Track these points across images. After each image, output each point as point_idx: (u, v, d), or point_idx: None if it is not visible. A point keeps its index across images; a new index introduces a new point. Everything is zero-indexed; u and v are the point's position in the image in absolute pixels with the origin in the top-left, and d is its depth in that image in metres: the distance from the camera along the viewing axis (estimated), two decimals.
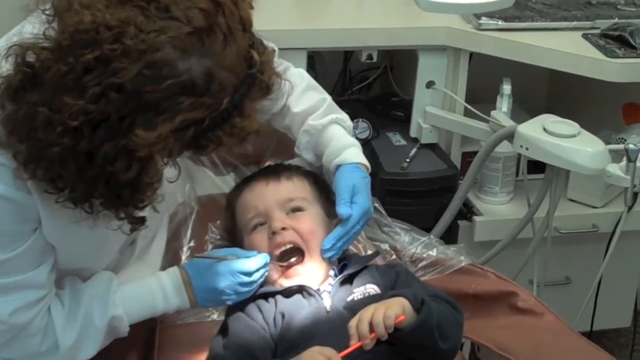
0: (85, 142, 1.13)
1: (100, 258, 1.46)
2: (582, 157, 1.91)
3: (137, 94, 1.12)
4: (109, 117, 1.12)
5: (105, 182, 1.17)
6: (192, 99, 1.14)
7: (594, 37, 2.23)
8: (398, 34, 2.29)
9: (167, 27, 1.13)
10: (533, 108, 2.40)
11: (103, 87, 1.11)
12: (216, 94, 1.16)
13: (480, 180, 2.38)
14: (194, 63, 1.14)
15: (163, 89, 1.12)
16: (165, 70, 1.12)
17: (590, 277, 2.16)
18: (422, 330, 1.37)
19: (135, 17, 1.13)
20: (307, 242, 1.54)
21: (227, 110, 1.18)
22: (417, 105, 2.37)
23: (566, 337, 1.58)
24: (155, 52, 1.12)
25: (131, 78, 1.11)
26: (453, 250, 1.75)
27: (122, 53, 1.11)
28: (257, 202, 1.58)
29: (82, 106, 1.11)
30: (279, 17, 2.33)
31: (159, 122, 1.13)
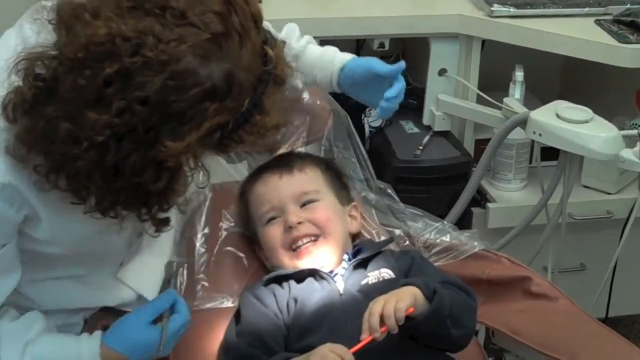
0: (112, 156, 1.13)
1: (107, 245, 1.46)
2: (596, 142, 1.91)
3: (162, 105, 1.11)
4: (135, 129, 1.12)
5: (133, 194, 1.17)
6: (216, 104, 1.14)
7: (606, 23, 2.22)
8: (410, 22, 2.29)
9: (186, 34, 1.12)
10: (546, 95, 2.39)
11: (128, 101, 1.10)
12: (238, 96, 1.16)
13: (493, 167, 2.38)
14: (214, 68, 1.14)
15: (188, 98, 1.12)
16: (188, 79, 1.12)
17: (605, 263, 2.15)
18: (434, 319, 1.38)
19: (152, 26, 1.11)
20: (323, 229, 1.55)
21: (248, 110, 1.18)
22: (429, 93, 2.37)
23: (581, 320, 1.58)
24: (177, 62, 1.11)
25: (155, 90, 1.10)
26: (466, 235, 1.75)
27: (143, 65, 1.10)
28: (271, 195, 1.60)
29: (107, 120, 1.10)
30: (290, 6, 2.33)
31: (185, 131, 1.13)
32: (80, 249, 1.41)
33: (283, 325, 1.46)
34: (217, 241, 1.68)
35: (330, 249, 1.54)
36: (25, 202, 1.26)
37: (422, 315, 1.37)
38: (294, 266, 1.54)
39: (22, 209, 1.27)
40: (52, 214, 1.30)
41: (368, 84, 1.66)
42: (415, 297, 1.37)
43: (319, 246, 1.54)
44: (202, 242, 1.67)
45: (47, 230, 1.32)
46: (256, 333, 1.45)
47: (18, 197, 1.25)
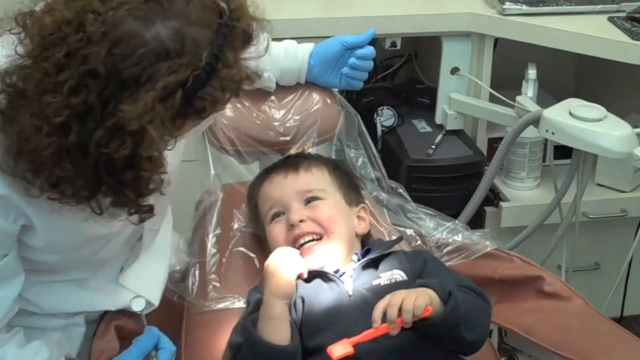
0: (74, 135, 1.12)
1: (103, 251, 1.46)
2: (609, 140, 1.90)
3: (113, 74, 1.11)
4: (93, 105, 1.11)
5: (105, 170, 1.15)
6: (168, 62, 1.13)
7: (619, 20, 2.21)
8: (422, 20, 2.28)
9: (123, 1, 1.13)
10: (559, 93, 2.38)
11: (78, 78, 1.11)
12: (192, 51, 1.15)
13: (506, 165, 2.37)
14: (160, 28, 1.13)
15: (136, 62, 1.11)
16: (132, 42, 1.11)
17: (620, 262, 2.14)
18: (448, 322, 1.37)
19: (90, 3, 1.13)
20: (325, 228, 1.55)
21: (209, 64, 1.16)
22: (442, 92, 2.36)
23: (594, 320, 1.57)
24: (117, 27, 1.11)
25: (102, 60, 1.10)
26: (478, 235, 1.74)
27: (87, 41, 1.11)
28: (275, 193, 1.60)
29: (63, 101, 1.11)
30: (303, 5, 2.33)
31: (141, 93, 1.12)
32: (76, 257, 1.42)
33: (293, 322, 1.46)
34: (228, 241, 1.68)
35: (334, 249, 1.54)
36: (21, 212, 1.26)
37: (437, 317, 1.37)
38: None
39: (19, 219, 1.27)
40: (46, 222, 1.29)
41: (337, 62, 1.76)
42: (431, 298, 1.37)
43: (322, 245, 1.53)
44: (214, 243, 1.67)
45: (42, 239, 1.32)
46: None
47: (13, 208, 1.25)
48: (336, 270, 1.52)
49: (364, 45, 1.76)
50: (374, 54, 1.77)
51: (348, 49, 1.75)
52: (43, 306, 1.46)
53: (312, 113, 1.79)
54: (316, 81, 1.79)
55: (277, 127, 1.76)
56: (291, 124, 1.77)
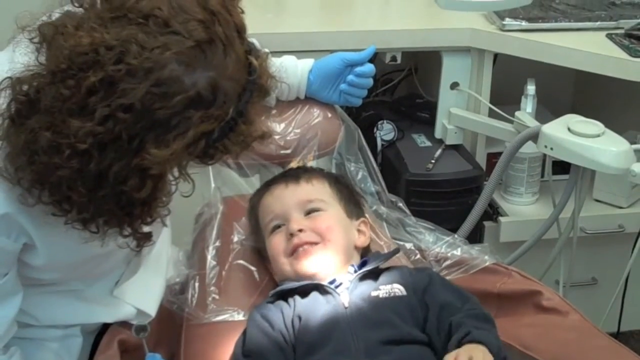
0: (95, 164, 1.12)
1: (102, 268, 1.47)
2: (607, 156, 1.91)
3: (147, 113, 1.11)
4: (119, 137, 1.11)
5: (116, 203, 1.16)
6: (201, 112, 1.14)
7: (618, 37, 2.22)
8: (422, 35, 2.30)
9: (170, 42, 1.12)
10: (557, 108, 2.40)
11: (111, 108, 1.10)
12: (222, 105, 1.16)
13: (505, 180, 2.38)
14: (199, 76, 1.14)
15: (172, 106, 1.12)
16: (173, 86, 1.12)
17: (617, 277, 2.15)
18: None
19: (135, 34, 1.11)
20: (323, 236, 1.55)
21: (233, 119, 1.18)
22: (441, 107, 2.37)
23: (591, 335, 1.58)
24: (161, 69, 1.11)
25: (140, 98, 1.10)
26: (477, 249, 1.75)
27: (127, 73, 1.10)
28: (276, 204, 1.61)
29: (90, 128, 1.10)
30: (304, 19, 2.35)
31: (170, 138, 1.13)
32: (75, 274, 1.43)
33: (289, 345, 1.46)
34: (228, 254, 1.68)
35: (329, 255, 1.54)
36: (23, 231, 1.26)
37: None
38: (295, 273, 1.54)
39: (20, 238, 1.27)
40: (48, 240, 1.30)
41: (337, 78, 1.76)
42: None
43: (316, 250, 1.54)
44: (214, 255, 1.67)
45: (43, 258, 1.32)
46: (259, 352, 1.45)
47: (15, 226, 1.25)
48: (332, 281, 1.53)
49: (364, 62, 1.77)
50: (373, 71, 1.78)
51: (348, 66, 1.76)
52: (40, 317, 1.47)
53: (312, 127, 1.79)
54: (315, 97, 1.80)
55: (278, 140, 1.77)
56: (292, 137, 1.78)
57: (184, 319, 1.62)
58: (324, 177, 1.68)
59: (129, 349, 1.50)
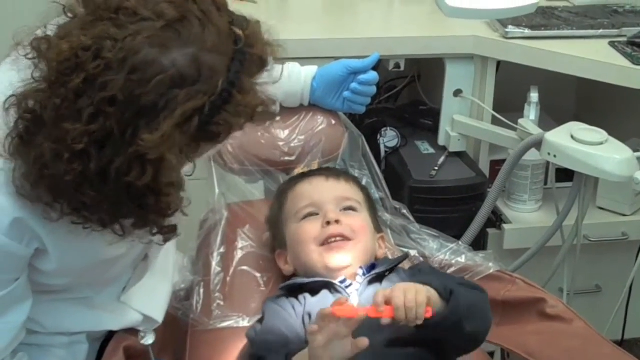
0: (95, 162, 1.13)
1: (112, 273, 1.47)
2: (610, 164, 1.91)
3: (131, 101, 1.12)
4: (112, 132, 1.12)
5: (126, 196, 1.16)
6: (186, 90, 1.14)
7: (620, 45, 2.23)
8: (425, 43, 2.30)
9: (140, 29, 1.13)
10: (561, 116, 2.40)
11: (96, 105, 1.11)
12: (209, 78, 1.16)
13: (508, 188, 2.38)
14: (177, 55, 1.14)
15: (153, 88, 1.12)
16: (150, 70, 1.12)
17: (621, 285, 2.15)
18: (450, 320, 1.37)
19: (107, 29, 1.13)
20: (357, 235, 1.57)
21: (225, 90, 1.17)
22: (445, 114, 2.38)
23: (595, 343, 1.58)
24: (135, 55, 1.12)
25: (121, 87, 1.11)
26: (481, 256, 1.75)
27: (105, 67, 1.11)
28: (314, 193, 1.63)
29: (82, 128, 1.11)
30: (308, 26, 2.35)
31: (160, 121, 1.13)
32: (84, 279, 1.43)
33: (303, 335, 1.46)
34: (233, 260, 1.69)
35: (357, 254, 1.56)
36: (35, 236, 1.27)
37: (438, 317, 1.37)
38: (322, 263, 1.54)
39: (32, 243, 1.28)
40: (60, 245, 1.30)
41: (341, 85, 1.77)
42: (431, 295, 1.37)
43: (349, 247, 1.55)
44: (219, 261, 1.68)
45: (54, 263, 1.32)
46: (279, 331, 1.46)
47: (27, 231, 1.25)
48: (342, 280, 1.53)
49: (368, 70, 1.77)
50: (376, 79, 1.79)
51: (351, 73, 1.76)
52: (47, 325, 1.47)
53: (316, 133, 1.80)
54: (319, 104, 1.80)
55: (282, 147, 1.78)
56: (296, 144, 1.79)
57: (189, 325, 1.62)
58: (359, 184, 1.72)
59: (135, 355, 1.50)
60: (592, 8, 2.45)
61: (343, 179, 1.68)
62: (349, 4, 2.58)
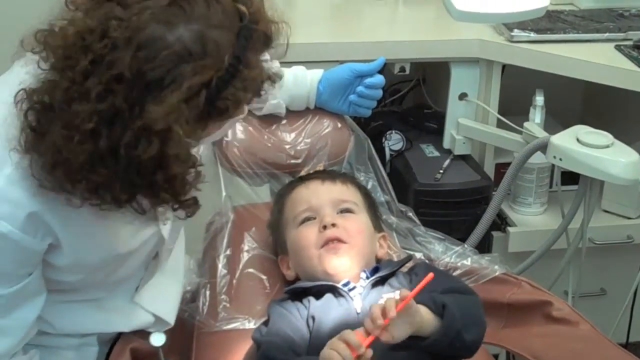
0: (105, 140, 1.13)
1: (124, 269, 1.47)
2: (616, 167, 1.91)
3: (138, 77, 1.13)
4: (120, 109, 1.13)
5: (136, 173, 1.16)
6: (192, 65, 1.15)
7: (626, 48, 2.23)
8: (430, 46, 2.30)
9: (145, 6, 1.14)
10: (566, 119, 2.40)
11: (104, 84, 1.12)
12: (215, 53, 1.17)
13: (513, 191, 2.38)
14: (182, 31, 1.15)
15: (160, 64, 1.13)
16: (156, 45, 1.13)
17: (626, 288, 2.15)
18: (449, 336, 1.37)
19: (112, 10, 1.14)
20: (352, 238, 1.57)
21: (231, 65, 1.18)
22: (450, 117, 2.38)
23: (601, 345, 1.58)
24: (141, 31, 1.13)
25: (128, 65, 1.12)
26: (487, 259, 1.75)
27: (112, 47, 1.12)
28: (311, 197, 1.63)
29: (91, 108, 1.12)
30: (313, 30, 2.36)
31: (167, 94, 1.14)
32: (96, 276, 1.43)
33: (306, 341, 1.47)
34: (239, 263, 1.69)
35: (354, 258, 1.56)
36: (49, 230, 1.27)
37: (436, 333, 1.37)
38: (321, 268, 1.55)
39: (46, 238, 1.28)
40: (73, 240, 1.31)
41: (347, 89, 1.77)
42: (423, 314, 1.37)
43: (345, 251, 1.56)
44: (225, 264, 1.68)
45: (67, 258, 1.33)
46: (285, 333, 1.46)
47: (42, 225, 1.26)
48: (346, 283, 1.53)
49: (374, 73, 1.78)
50: (383, 83, 1.79)
51: (357, 77, 1.77)
52: (57, 326, 1.47)
53: (322, 136, 1.81)
54: (325, 107, 1.81)
55: (288, 150, 1.78)
56: (302, 147, 1.79)
57: (195, 327, 1.63)
58: (356, 184, 1.72)
59: (141, 357, 1.50)
60: (597, 12, 2.46)
61: (339, 181, 1.68)
62: (354, 7, 2.58)
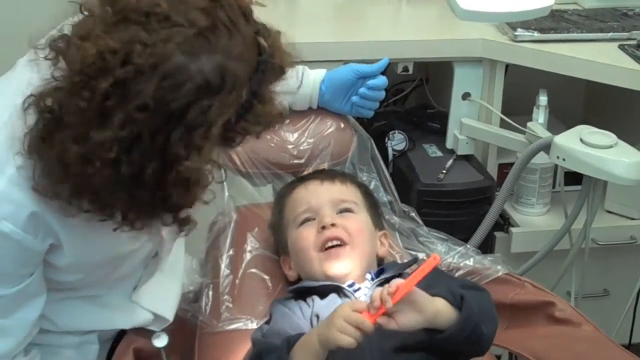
0: (126, 168, 1.13)
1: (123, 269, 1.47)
2: (619, 167, 1.91)
3: (161, 108, 1.12)
4: (141, 137, 1.12)
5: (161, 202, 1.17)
6: (214, 101, 1.14)
7: (630, 48, 2.23)
8: (434, 46, 2.30)
9: (172, 34, 1.13)
10: (569, 119, 2.40)
11: (127, 111, 1.11)
12: (232, 87, 1.16)
13: (516, 191, 2.38)
14: (205, 62, 1.14)
15: (184, 95, 1.12)
16: (180, 76, 1.12)
17: (629, 289, 2.15)
18: (468, 328, 1.36)
19: (137, 34, 1.12)
20: (352, 238, 1.57)
21: (248, 100, 1.19)
22: (453, 117, 2.38)
23: (604, 346, 1.57)
24: (166, 61, 1.12)
25: (152, 94, 1.11)
26: (490, 260, 1.75)
27: (135, 72, 1.11)
28: (310, 198, 1.63)
29: (112, 135, 1.11)
30: (317, 29, 2.36)
31: (197, 140, 1.13)
32: (96, 275, 1.43)
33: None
34: (241, 263, 1.69)
35: (355, 259, 1.55)
36: (50, 231, 1.27)
37: (453, 326, 1.36)
38: (322, 270, 1.54)
39: (47, 238, 1.28)
40: (74, 240, 1.31)
41: (349, 89, 1.77)
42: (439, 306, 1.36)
43: (345, 253, 1.55)
44: (227, 264, 1.68)
45: (68, 258, 1.33)
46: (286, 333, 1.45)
47: (42, 226, 1.26)
48: (351, 284, 1.53)
49: (376, 75, 1.77)
50: (385, 84, 1.78)
51: (360, 78, 1.76)
52: (58, 323, 1.47)
53: (325, 136, 1.80)
54: (327, 107, 1.80)
55: (291, 150, 1.78)
56: (305, 147, 1.79)
57: (198, 327, 1.63)
58: (355, 183, 1.72)
59: (144, 357, 1.50)
60: (601, 11, 2.45)
61: (338, 180, 1.67)
62: (357, 7, 2.58)
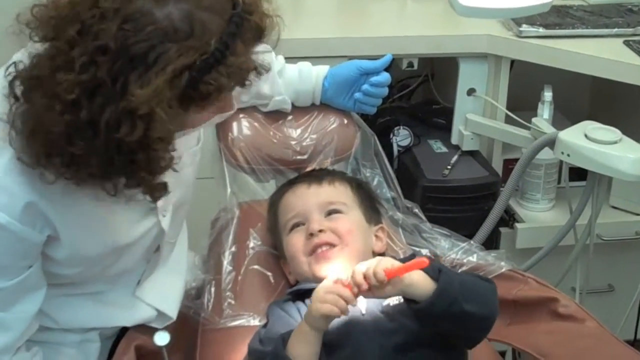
0: (85, 112, 1.13)
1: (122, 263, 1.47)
2: (624, 163, 1.91)
3: (123, 50, 1.13)
4: (103, 82, 1.13)
5: (116, 151, 1.16)
6: (177, 45, 1.14)
7: (635, 43, 2.22)
8: (439, 41, 2.30)
9: None
10: (574, 115, 2.39)
11: (89, 54, 1.12)
12: (201, 36, 1.16)
13: (521, 187, 2.38)
14: (172, 8, 1.15)
15: (145, 38, 1.13)
16: (143, 20, 1.13)
17: (634, 284, 2.14)
18: (443, 297, 1.36)
19: None
20: (342, 239, 1.56)
21: (217, 50, 1.17)
22: (458, 113, 2.37)
23: (608, 342, 1.57)
24: (129, 5, 1.13)
25: (113, 36, 1.12)
26: (493, 256, 1.75)
27: (100, 17, 1.13)
28: (297, 203, 1.62)
29: (74, 78, 1.12)
30: (321, 25, 2.36)
31: (151, 76, 1.13)
32: (95, 269, 1.43)
33: None
34: (244, 259, 1.69)
35: (347, 259, 1.54)
36: (47, 221, 1.28)
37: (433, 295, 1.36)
38: (313, 274, 1.54)
39: (44, 229, 1.29)
40: (71, 231, 1.31)
41: (352, 85, 1.76)
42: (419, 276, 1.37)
43: (335, 254, 1.54)
44: (230, 260, 1.68)
45: (66, 250, 1.33)
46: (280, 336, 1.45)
47: (39, 216, 1.27)
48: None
49: (380, 71, 1.77)
50: (389, 81, 1.77)
51: (363, 74, 1.76)
52: (60, 320, 1.48)
53: (328, 132, 1.80)
54: (330, 103, 1.80)
55: (294, 146, 1.78)
56: (308, 143, 1.79)
57: (200, 323, 1.63)
58: (346, 180, 1.70)
59: (146, 354, 1.51)
60: (606, 7, 2.44)
61: (326, 182, 1.66)
62: (361, 2, 2.58)
